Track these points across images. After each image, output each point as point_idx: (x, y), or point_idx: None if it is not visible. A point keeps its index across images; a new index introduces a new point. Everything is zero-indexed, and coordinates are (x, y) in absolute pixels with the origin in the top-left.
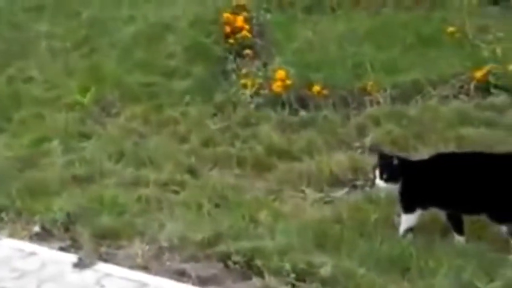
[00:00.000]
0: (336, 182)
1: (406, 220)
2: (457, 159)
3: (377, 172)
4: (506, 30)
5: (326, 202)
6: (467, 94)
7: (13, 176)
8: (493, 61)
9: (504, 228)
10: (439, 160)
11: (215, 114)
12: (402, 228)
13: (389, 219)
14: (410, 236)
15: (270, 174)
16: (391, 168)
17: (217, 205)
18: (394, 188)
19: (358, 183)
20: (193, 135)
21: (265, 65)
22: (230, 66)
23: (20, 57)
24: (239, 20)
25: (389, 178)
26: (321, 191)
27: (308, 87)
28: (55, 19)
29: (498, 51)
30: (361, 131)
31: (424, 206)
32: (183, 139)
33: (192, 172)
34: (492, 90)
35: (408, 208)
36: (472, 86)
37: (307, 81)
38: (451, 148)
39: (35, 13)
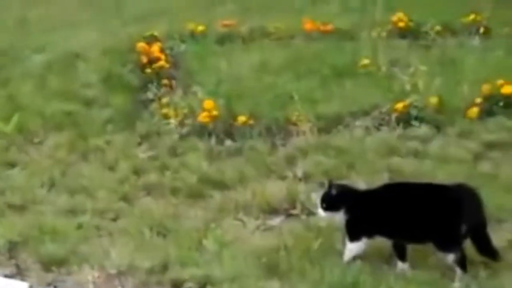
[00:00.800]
0: (272, 210)
1: (352, 249)
2: (403, 189)
3: (318, 201)
4: (423, 63)
5: (265, 230)
6: (389, 126)
7: None
8: (412, 93)
9: (451, 256)
10: (385, 190)
11: (140, 143)
12: (347, 256)
13: (332, 247)
14: (358, 263)
15: (204, 203)
16: (331, 197)
17: (158, 233)
18: (335, 216)
19: (294, 211)
20: (121, 163)
21: (186, 95)
22: (150, 95)
23: None
24: (155, 50)
25: (328, 207)
26: (258, 219)
27: (233, 117)
28: None
29: (420, 83)
30: (290, 161)
31: (370, 235)
32: (112, 168)
33: (126, 200)
34: (413, 122)
35: (354, 236)
36: (393, 117)
37: (231, 111)
38: (383, 177)
39: None
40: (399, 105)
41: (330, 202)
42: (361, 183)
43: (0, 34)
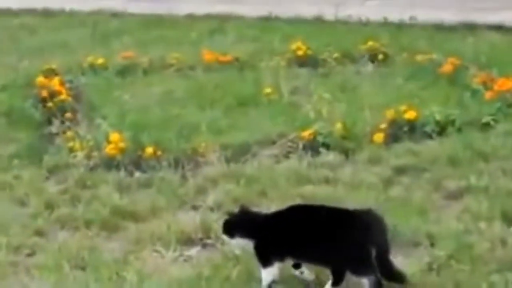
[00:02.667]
0: (187, 240)
1: (266, 275)
2: (308, 210)
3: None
4: (325, 90)
5: (184, 261)
6: (297, 153)
7: None
8: (317, 121)
9: (365, 281)
10: (291, 212)
11: (48, 177)
12: (265, 282)
13: (251, 275)
14: None
15: (120, 235)
16: (235, 224)
17: (77, 266)
18: (245, 243)
19: (209, 241)
20: (31, 198)
21: (90, 128)
22: (54, 129)
23: None
24: (55, 84)
25: (232, 234)
26: (175, 250)
27: (141, 149)
28: None
29: (324, 110)
30: (201, 191)
31: (280, 258)
32: (23, 203)
33: (40, 234)
34: (321, 149)
35: (265, 261)
36: (300, 145)
37: (138, 143)
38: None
39: None
40: (305, 133)
41: (231, 229)
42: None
43: None
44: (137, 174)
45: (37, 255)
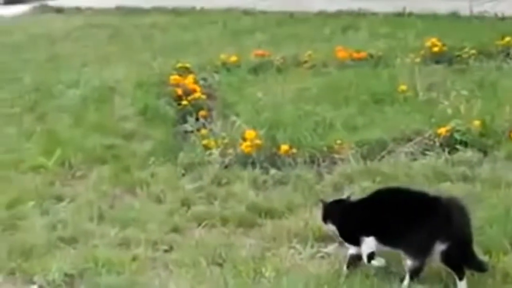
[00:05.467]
0: (324, 237)
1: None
2: (392, 194)
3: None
4: (461, 87)
5: (321, 257)
6: (434, 151)
7: None
8: (454, 118)
9: (408, 262)
10: (374, 196)
11: (184, 175)
12: (364, 255)
13: (388, 268)
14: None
15: (257, 232)
16: (326, 211)
17: (214, 263)
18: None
19: None
20: (168, 195)
21: (224, 125)
22: (188, 127)
23: None
24: (190, 82)
25: (326, 220)
26: (312, 247)
27: (276, 146)
28: None
29: (461, 107)
30: (337, 188)
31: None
32: (159, 200)
33: (177, 231)
34: (458, 146)
35: (352, 242)
36: (437, 142)
37: (273, 140)
38: None
39: None
40: (442, 130)
41: (324, 216)
42: None
43: (31, 71)
44: (273, 171)
45: (175, 251)
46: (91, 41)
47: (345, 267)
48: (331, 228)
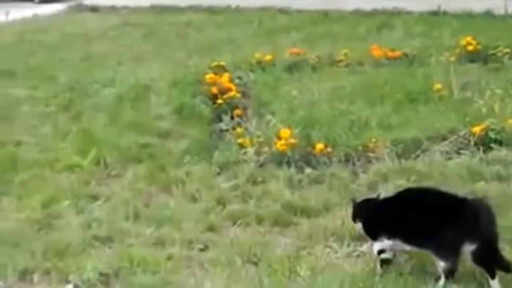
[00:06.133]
0: (360, 236)
1: (376, 245)
2: (419, 194)
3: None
4: (496, 86)
5: (357, 256)
6: (468, 150)
7: (31, 237)
8: (489, 116)
9: (441, 264)
10: (400, 195)
11: (219, 173)
12: (375, 250)
13: (423, 270)
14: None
15: (291, 230)
16: (354, 210)
17: (249, 261)
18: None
19: None
20: (203, 194)
21: (260, 124)
22: (224, 126)
23: (3, 122)
24: (225, 81)
25: (355, 219)
26: (348, 246)
27: (311, 145)
28: (30, 84)
29: (496, 106)
30: (372, 187)
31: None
32: (194, 199)
33: (212, 230)
34: (493, 145)
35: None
36: (472, 141)
37: (308, 139)
38: None
39: (7, 78)
40: (477, 129)
41: (353, 215)
42: None
43: (66, 70)
44: (308, 170)
45: (210, 250)
46: (127, 39)
47: (378, 266)
48: (359, 227)
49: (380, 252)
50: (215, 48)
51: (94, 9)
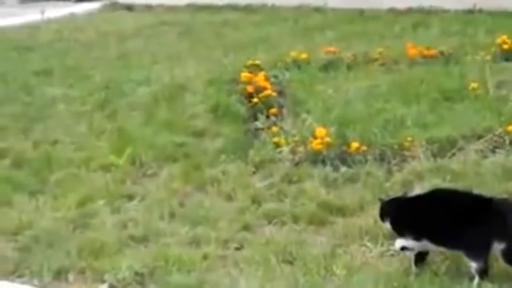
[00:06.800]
0: (394, 235)
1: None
2: (447, 195)
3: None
4: None
5: (392, 256)
6: (504, 149)
7: (67, 236)
8: None
9: (473, 265)
10: (428, 195)
11: (254, 172)
12: (397, 245)
13: (459, 270)
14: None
15: (327, 229)
16: (382, 209)
17: (284, 260)
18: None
19: None
20: (238, 193)
21: (295, 123)
22: (259, 125)
23: (40, 121)
24: (260, 79)
25: (383, 218)
26: (382, 245)
27: (346, 144)
28: (66, 83)
29: None
30: (407, 186)
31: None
32: (229, 197)
33: (248, 229)
34: None
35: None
36: (507, 140)
37: (343, 137)
38: None
39: (44, 77)
40: None
41: (381, 214)
42: None
43: (102, 69)
44: (343, 168)
45: (245, 249)
46: (162, 38)
47: (413, 266)
48: (387, 226)
49: (403, 248)
50: (251, 47)
51: (129, 7)
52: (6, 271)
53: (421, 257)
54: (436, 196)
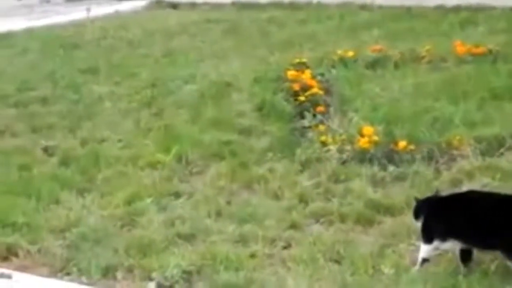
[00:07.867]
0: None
1: (424, 251)
2: (480, 196)
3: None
4: None
5: (441, 255)
6: None
7: (114, 234)
8: None
9: None
10: (462, 196)
11: (301, 171)
12: (420, 257)
13: (508, 269)
14: None
15: (374, 228)
16: (416, 208)
17: (332, 259)
18: None
19: None
20: (285, 191)
21: (342, 121)
22: (306, 123)
23: (87, 119)
24: (307, 77)
25: (417, 217)
26: None
27: (394, 143)
28: (112, 81)
29: None
30: (456, 185)
31: (442, 238)
32: (276, 196)
33: (295, 227)
34: None
35: (427, 239)
36: None
37: (391, 136)
38: None
39: (90, 75)
40: None
41: (414, 213)
42: None
43: (148, 67)
44: (391, 167)
45: (292, 248)
46: (207, 36)
47: (461, 266)
48: (418, 225)
49: (425, 260)
50: (296, 44)
51: (174, 5)
52: (54, 268)
53: (468, 256)
54: (471, 196)
